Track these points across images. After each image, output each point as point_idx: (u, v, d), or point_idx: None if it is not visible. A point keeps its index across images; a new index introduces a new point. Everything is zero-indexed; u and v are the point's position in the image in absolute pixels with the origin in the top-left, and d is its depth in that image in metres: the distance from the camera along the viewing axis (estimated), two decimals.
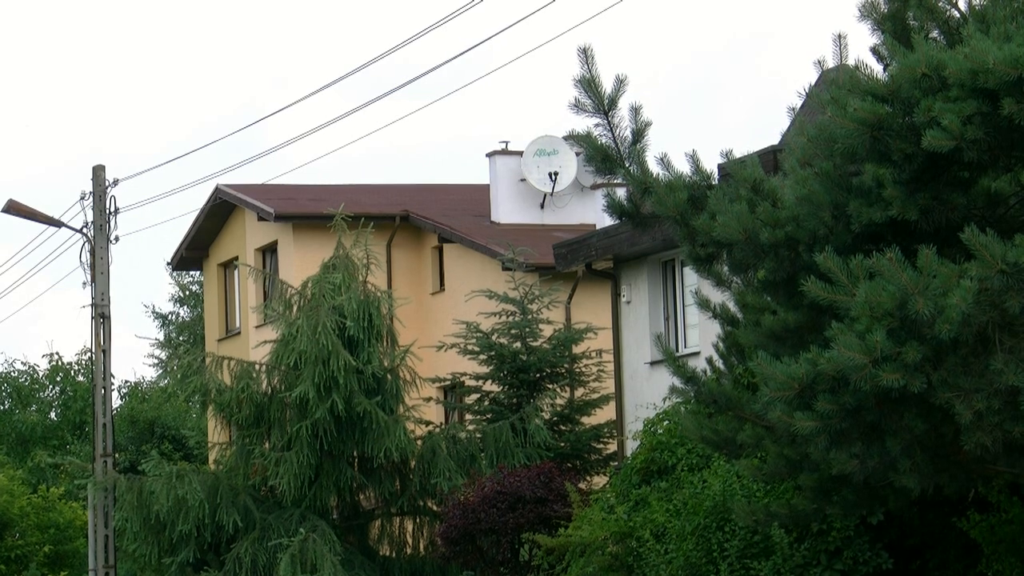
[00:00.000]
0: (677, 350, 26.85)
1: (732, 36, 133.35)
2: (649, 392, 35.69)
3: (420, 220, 53.59)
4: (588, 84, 19.32)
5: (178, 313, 78.30)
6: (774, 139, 27.91)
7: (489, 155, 52.59)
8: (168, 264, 67.14)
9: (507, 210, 51.61)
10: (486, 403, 45.95)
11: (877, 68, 18.76)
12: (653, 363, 36.11)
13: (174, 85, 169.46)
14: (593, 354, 43.75)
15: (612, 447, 42.77)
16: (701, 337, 24.99)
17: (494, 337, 44.48)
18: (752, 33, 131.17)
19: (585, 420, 44.41)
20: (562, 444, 43.67)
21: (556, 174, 48.88)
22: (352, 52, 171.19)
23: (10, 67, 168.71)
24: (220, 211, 57.66)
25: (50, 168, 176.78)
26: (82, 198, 47.67)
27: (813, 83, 21.35)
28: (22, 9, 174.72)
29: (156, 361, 77.71)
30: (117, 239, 48.05)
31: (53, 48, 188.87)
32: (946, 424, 17.11)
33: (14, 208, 47.75)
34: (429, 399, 47.47)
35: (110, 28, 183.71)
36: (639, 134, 19.62)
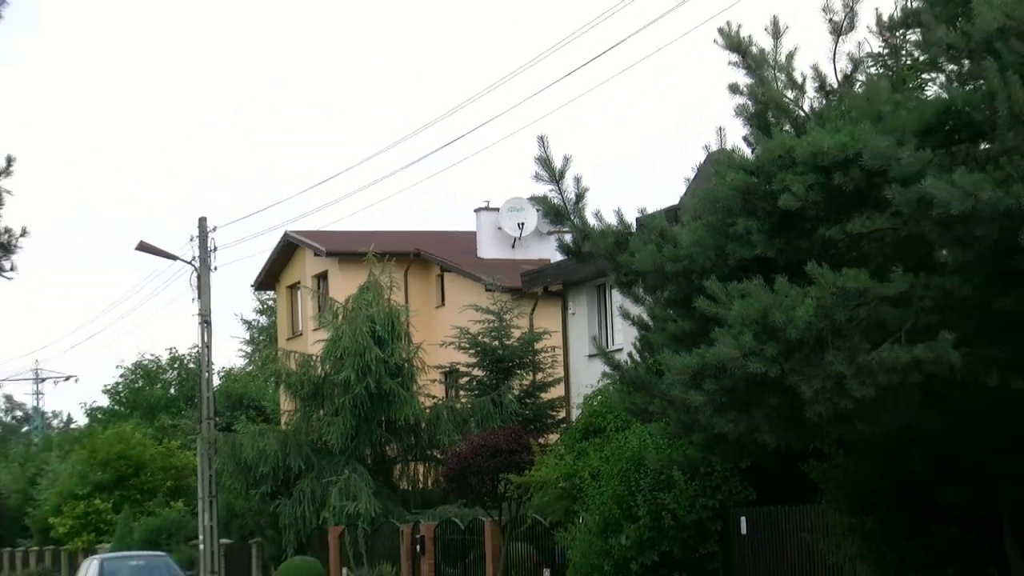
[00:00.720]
0: (607, 347, 29.45)
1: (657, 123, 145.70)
2: (587, 376, 41.33)
3: (428, 256, 63.05)
4: (544, 162, 22.14)
5: (259, 320, 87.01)
6: (675, 199, 31.41)
7: (476, 210, 61.50)
8: (252, 286, 75.49)
9: (488, 249, 59.87)
10: (474, 383, 55.64)
11: (747, 151, 21.31)
12: (591, 356, 41.39)
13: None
14: (548, 349, 52.48)
15: (562, 414, 50.48)
16: (624, 338, 27.74)
17: (479, 337, 53.83)
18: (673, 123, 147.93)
19: (543, 395, 53.40)
20: (527, 412, 52.38)
21: (523, 224, 56.63)
22: (382, 129, 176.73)
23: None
24: (287, 249, 67.75)
25: (153, 206, 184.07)
26: (191, 240, 58.14)
27: (702, 161, 24.30)
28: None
29: (243, 354, 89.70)
30: (216, 268, 58.51)
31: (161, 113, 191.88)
32: (794, 399, 18.86)
33: (144, 247, 57.76)
34: (434, 380, 58.07)
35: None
36: (580, 197, 22.19)
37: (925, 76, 22.32)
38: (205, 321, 57.90)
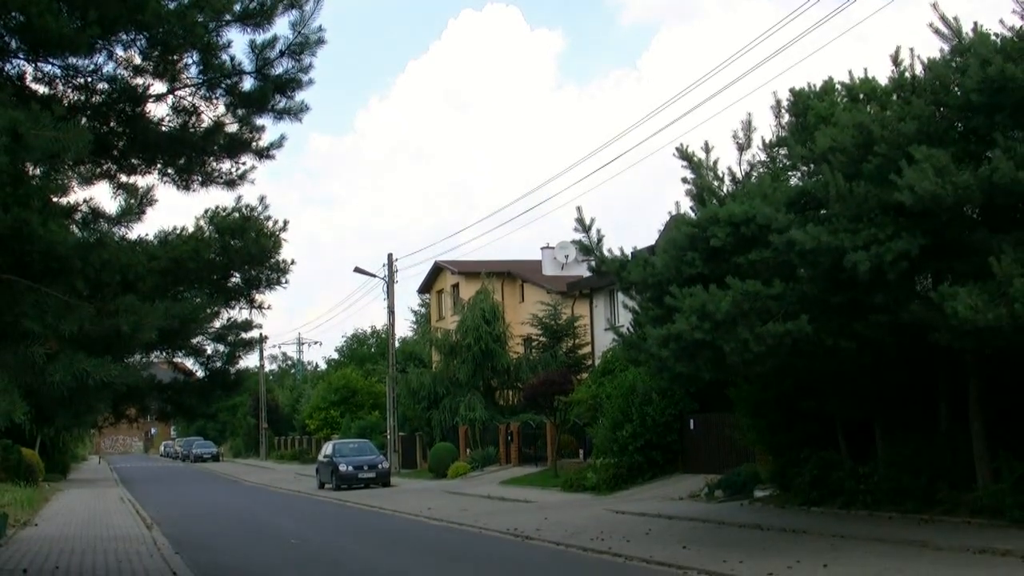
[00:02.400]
0: (616, 324, 29.74)
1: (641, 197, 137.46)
2: (604, 341, 40.77)
3: (515, 274, 61.45)
4: (579, 220, 21.39)
5: (420, 310, 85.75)
6: (652, 241, 31.47)
7: (541, 248, 59.79)
8: (417, 291, 74.83)
9: (548, 269, 58.14)
10: (540, 345, 54.15)
11: (692, 214, 20.91)
12: (606, 329, 39.87)
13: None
14: (582, 327, 50.92)
15: (590, 362, 48.17)
16: (624, 319, 27.73)
17: (543, 319, 53.06)
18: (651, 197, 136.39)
19: (579, 352, 51.56)
20: (570, 361, 51.07)
21: (568, 255, 55.82)
22: (489, 198, 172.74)
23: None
24: (435, 270, 66.91)
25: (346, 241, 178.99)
26: (383, 266, 57.37)
27: (668, 220, 23.87)
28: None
29: (412, 329, 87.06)
30: (397, 281, 57.46)
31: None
32: (720, 353, 18.37)
33: (357, 270, 57.92)
34: (518, 343, 56.77)
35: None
36: (600, 240, 21.46)
37: (790, 173, 22.40)
38: (391, 311, 57.51)
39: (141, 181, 13.35)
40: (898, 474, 21.87)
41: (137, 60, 12.48)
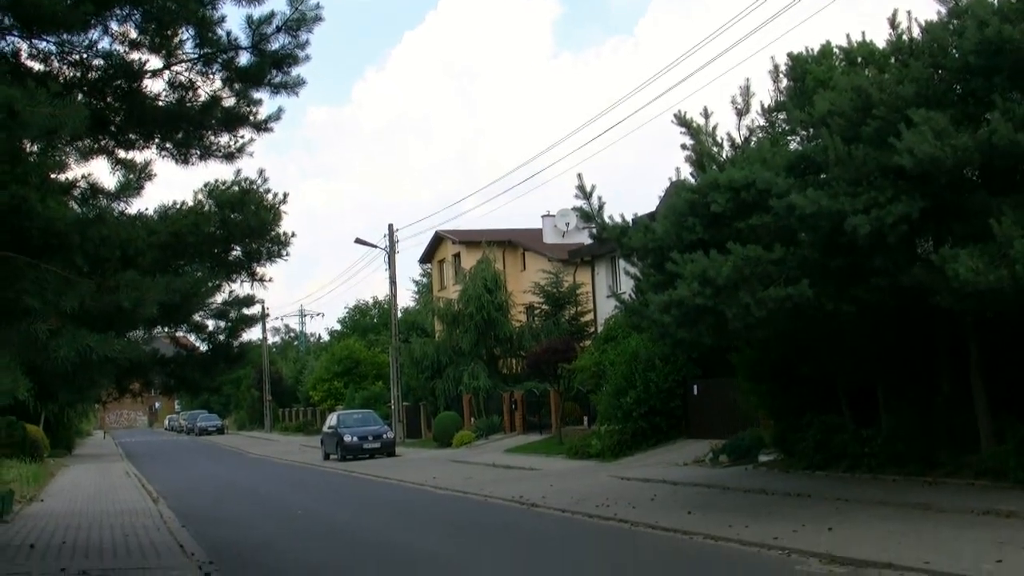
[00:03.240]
0: (617, 291, 29.67)
1: (643, 164, 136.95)
2: (606, 308, 40.44)
3: (516, 242, 61.65)
4: (580, 188, 21.16)
5: (422, 279, 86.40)
6: (653, 207, 31.43)
7: (542, 216, 58.49)
8: (418, 260, 74.27)
9: (549, 237, 57.07)
10: (542, 313, 54.38)
11: (692, 180, 20.79)
12: (608, 296, 40.27)
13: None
14: (584, 294, 51.13)
15: (592, 329, 48.29)
16: (626, 286, 27.75)
17: (545, 287, 53.35)
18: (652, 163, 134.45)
19: (582, 319, 51.88)
20: (572, 328, 51.19)
21: (569, 223, 55.18)
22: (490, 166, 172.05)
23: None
24: (437, 239, 66.85)
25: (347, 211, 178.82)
26: (384, 237, 57.46)
27: (668, 187, 23.80)
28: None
29: (414, 299, 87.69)
30: (398, 251, 57.38)
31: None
32: (721, 318, 18.36)
33: (358, 241, 57.76)
34: (520, 312, 56.96)
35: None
36: (601, 207, 21.19)
37: (789, 138, 22.38)
38: (392, 281, 57.60)
39: (139, 156, 13.36)
40: (901, 437, 21.95)
41: (133, 35, 12.46)
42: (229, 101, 13.38)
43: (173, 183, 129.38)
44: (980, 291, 15.90)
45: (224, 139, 13.82)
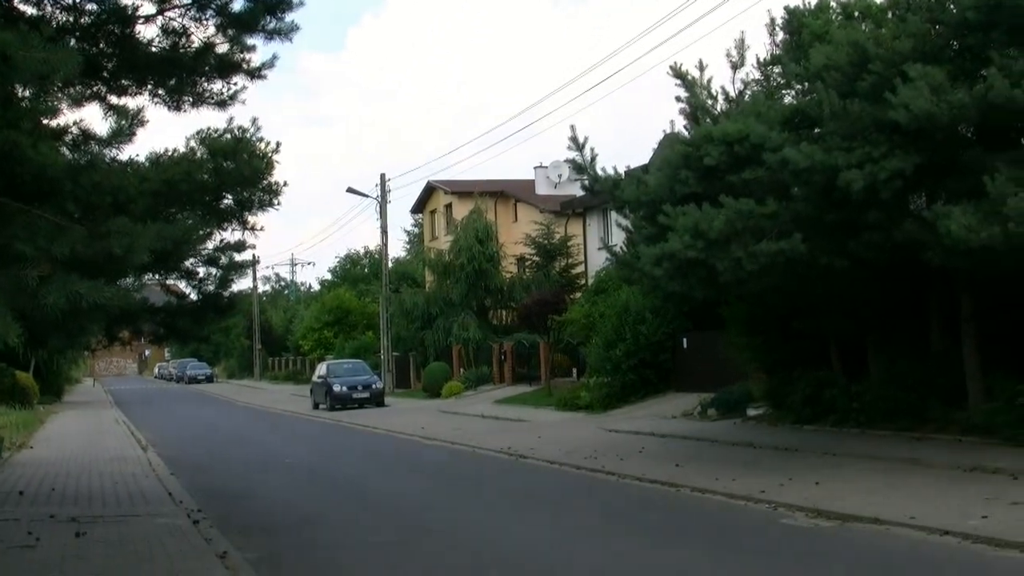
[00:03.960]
0: (609, 243, 29.69)
1: (635, 114, 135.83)
2: (597, 260, 39.81)
3: (508, 193, 61.31)
4: (573, 139, 21.29)
5: (413, 230, 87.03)
6: (646, 159, 31.28)
7: (535, 167, 59.60)
8: (410, 211, 73.86)
9: (542, 189, 57.90)
10: (533, 264, 54.26)
11: (686, 133, 21.18)
12: (599, 249, 39.06)
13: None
14: (576, 246, 50.83)
15: (583, 281, 48.24)
16: (618, 238, 27.63)
17: (537, 239, 53.18)
18: (644, 114, 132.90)
19: (573, 271, 51.58)
20: (563, 280, 51.10)
21: (561, 174, 55.18)
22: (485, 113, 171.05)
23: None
24: (429, 190, 66.52)
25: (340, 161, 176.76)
26: (376, 186, 58.64)
27: (661, 139, 24.11)
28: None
29: (405, 249, 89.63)
30: (390, 201, 58.37)
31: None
32: (713, 272, 18.45)
33: (350, 190, 60.28)
34: (512, 263, 56.41)
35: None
36: (593, 159, 21.33)
37: (784, 92, 22.30)
38: (384, 231, 57.99)
39: (131, 102, 13.24)
40: (890, 392, 22.00)
41: None
42: (223, 47, 13.31)
43: (166, 131, 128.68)
44: (972, 248, 15.92)
45: (217, 86, 13.75)
